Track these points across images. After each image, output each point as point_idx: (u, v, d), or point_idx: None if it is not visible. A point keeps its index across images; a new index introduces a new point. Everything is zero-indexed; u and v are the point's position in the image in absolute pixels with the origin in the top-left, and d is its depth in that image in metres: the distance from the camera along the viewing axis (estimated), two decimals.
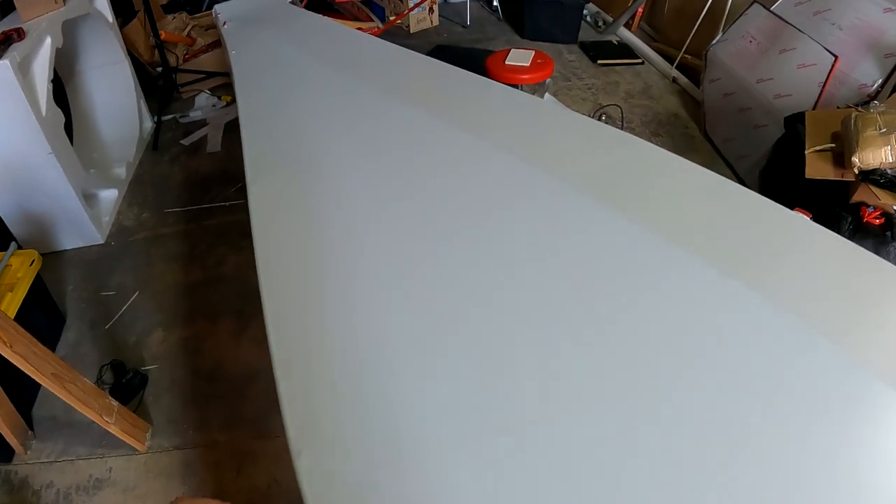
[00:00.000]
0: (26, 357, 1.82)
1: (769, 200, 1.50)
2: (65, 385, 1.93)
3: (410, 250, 1.39)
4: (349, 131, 1.89)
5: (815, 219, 1.43)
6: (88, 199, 3.08)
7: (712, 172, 1.62)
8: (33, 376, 1.85)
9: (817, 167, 2.47)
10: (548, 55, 3.67)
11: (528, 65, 3.54)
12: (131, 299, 2.79)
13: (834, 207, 2.44)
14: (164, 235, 3.17)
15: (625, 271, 1.29)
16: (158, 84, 4.24)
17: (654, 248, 1.34)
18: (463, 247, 1.39)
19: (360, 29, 4.00)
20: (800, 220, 1.47)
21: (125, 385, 2.39)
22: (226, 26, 2.97)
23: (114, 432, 2.10)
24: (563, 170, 1.60)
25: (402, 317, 1.23)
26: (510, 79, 3.46)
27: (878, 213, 2.33)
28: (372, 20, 5.05)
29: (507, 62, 3.55)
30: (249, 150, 1.80)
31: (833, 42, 3.10)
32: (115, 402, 2.11)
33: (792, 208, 1.50)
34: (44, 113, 2.64)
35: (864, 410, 1.02)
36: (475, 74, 2.23)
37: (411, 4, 5.09)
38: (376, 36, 2.90)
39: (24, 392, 2.30)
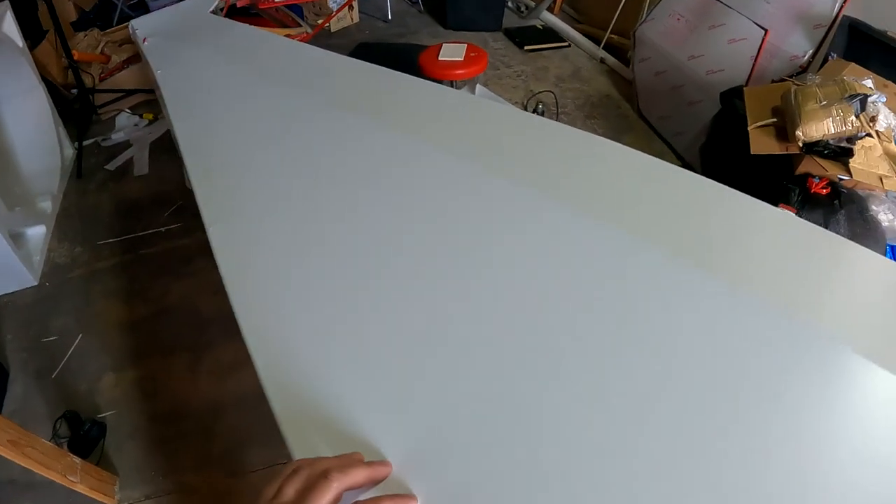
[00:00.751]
0: None
1: (709, 180, 1.48)
2: (23, 451, 1.79)
3: (370, 255, 1.35)
4: (301, 150, 1.79)
5: (762, 193, 1.45)
6: (15, 238, 2.88)
7: (650, 156, 1.58)
8: None
9: (761, 142, 2.51)
10: (480, 47, 3.62)
11: (462, 59, 3.48)
12: (75, 343, 2.63)
13: (780, 181, 2.48)
14: (101, 270, 3.00)
15: (569, 259, 1.28)
16: (75, 107, 3.99)
17: (600, 235, 1.33)
18: (414, 249, 1.36)
19: (288, 36, 3.88)
20: (744, 199, 1.44)
21: (83, 437, 2.25)
22: (146, 43, 2.81)
23: (81, 491, 1.97)
24: (506, 167, 1.59)
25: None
26: (445, 75, 3.41)
27: (824, 183, 2.38)
28: (299, 25, 4.90)
29: (440, 58, 3.49)
30: (200, 187, 1.68)
31: (762, 15, 3.15)
32: (77, 459, 1.99)
33: (775, 203, 1.50)
34: None
35: (823, 370, 1.03)
36: (413, 77, 2.19)
37: (332, 5, 4.95)
38: (305, 42, 2.80)
39: None
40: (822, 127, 2.31)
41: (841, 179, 2.36)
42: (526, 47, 4.67)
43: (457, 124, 1.90)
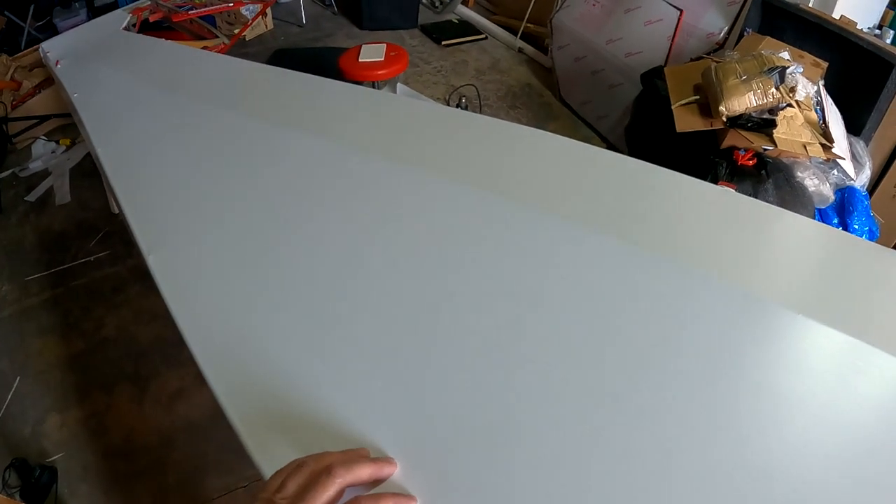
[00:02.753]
0: None
1: (631, 158, 1.56)
2: None
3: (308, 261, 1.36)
4: (231, 166, 1.76)
5: (690, 169, 1.51)
6: None
7: (582, 143, 1.66)
8: None
9: (686, 120, 2.57)
10: (399, 46, 3.60)
11: (382, 59, 3.46)
12: (14, 386, 2.53)
13: (707, 156, 2.55)
14: (32, 307, 2.89)
15: (506, 247, 1.32)
16: None
17: (535, 222, 1.37)
18: (360, 255, 1.38)
19: (205, 48, 3.79)
20: (665, 173, 1.51)
21: (34, 484, 2.17)
22: (59, 66, 2.71)
23: None
24: (439, 165, 1.61)
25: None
26: (366, 76, 3.38)
27: (749, 154, 2.46)
28: (216, 37, 4.78)
29: (360, 59, 3.45)
30: (132, 214, 1.62)
31: None
32: None
33: (703, 178, 1.55)
34: None
35: (764, 332, 1.09)
36: (335, 80, 2.19)
37: (246, 13, 4.84)
38: (223, 53, 2.75)
39: None
40: (744, 101, 2.37)
41: (766, 150, 2.44)
42: (443, 42, 4.69)
43: (384, 126, 1.90)
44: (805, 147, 2.41)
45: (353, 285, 1.29)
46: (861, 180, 2.60)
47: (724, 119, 2.44)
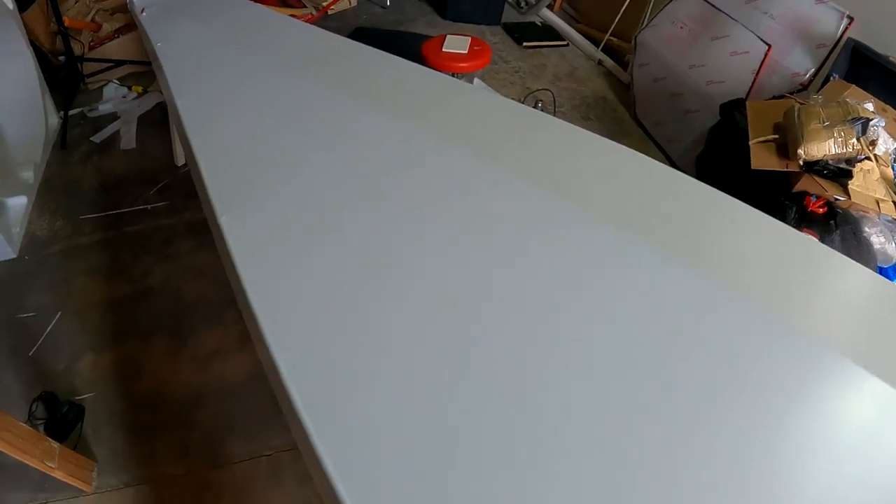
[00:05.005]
0: None
1: (706, 185, 1.59)
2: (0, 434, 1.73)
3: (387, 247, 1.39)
4: (311, 137, 1.75)
5: (759, 208, 1.53)
6: None
7: (653, 160, 1.69)
8: None
9: (762, 158, 2.52)
10: (483, 41, 3.56)
11: (465, 52, 3.43)
12: (54, 321, 2.55)
13: (777, 197, 2.49)
14: (83, 246, 2.91)
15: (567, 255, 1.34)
16: (62, 75, 3.87)
17: (605, 237, 1.38)
18: (424, 240, 1.41)
19: (293, 16, 3.80)
20: (739, 206, 1.52)
21: (61, 419, 2.18)
22: (144, 14, 2.73)
23: (58, 476, 1.90)
24: (521, 165, 1.62)
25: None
26: (448, 67, 3.35)
27: (821, 202, 2.39)
28: (304, 6, 4.79)
29: (444, 49, 3.43)
30: (209, 174, 1.61)
31: (765, 31, 3.15)
32: (55, 444, 1.91)
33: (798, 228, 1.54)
34: None
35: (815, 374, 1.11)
36: (423, 67, 2.18)
37: None
38: (311, 24, 2.74)
39: None
40: (823, 147, 2.32)
41: (837, 200, 2.37)
42: (524, 43, 4.64)
43: (465, 115, 1.89)
44: (878, 203, 2.36)
45: (408, 265, 1.31)
46: None
47: (801, 162, 2.38)
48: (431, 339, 1.13)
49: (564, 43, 4.67)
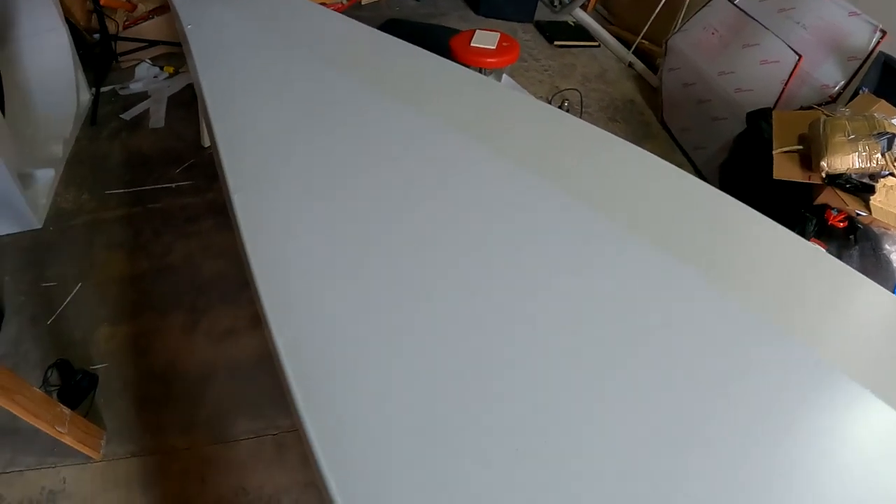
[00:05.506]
0: None
1: (732, 198, 1.57)
2: (13, 397, 1.76)
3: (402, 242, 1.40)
4: (334, 125, 1.77)
5: (778, 219, 1.51)
6: (23, 179, 2.83)
7: (676, 167, 1.67)
8: None
9: (785, 168, 2.50)
10: (513, 38, 3.57)
11: (494, 48, 3.43)
12: (74, 291, 2.60)
13: (798, 208, 2.47)
14: (106, 220, 2.96)
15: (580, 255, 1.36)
16: (95, 52, 3.94)
17: (626, 245, 1.39)
18: (443, 233, 1.42)
19: (324, 4, 3.81)
20: (760, 218, 1.52)
21: (74, 387, 2.23)
22: None
23: (67, 442, 1.95)
24: (538, 163, 1.63)
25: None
26: (475, 62, 3.35)
27: (842, 216, 2.39)
28: None
29: (472, 44, 3.44)
30: (226, 151, 1.64)
31: (796, 41, 3.11)
32: (66, 410, 1.96)
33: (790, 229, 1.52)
34: None
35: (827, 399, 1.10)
36: (449, 61, 2.18)
37: None
38: (341, 13, 2.75)
39: None
40: (847, 160, 2.30)
41: (858, 215, 2.36)
42: (555, 42, 4.63)
43: (490, 113, 1.89)
44: None
45: (424, 256, 1.32)
46: None
47: (824, 175, 2.37)
48: (443, 333, 1.15)
49: (596, 44, 4.66)
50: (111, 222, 2.95)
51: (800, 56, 3.04)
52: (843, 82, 2.95)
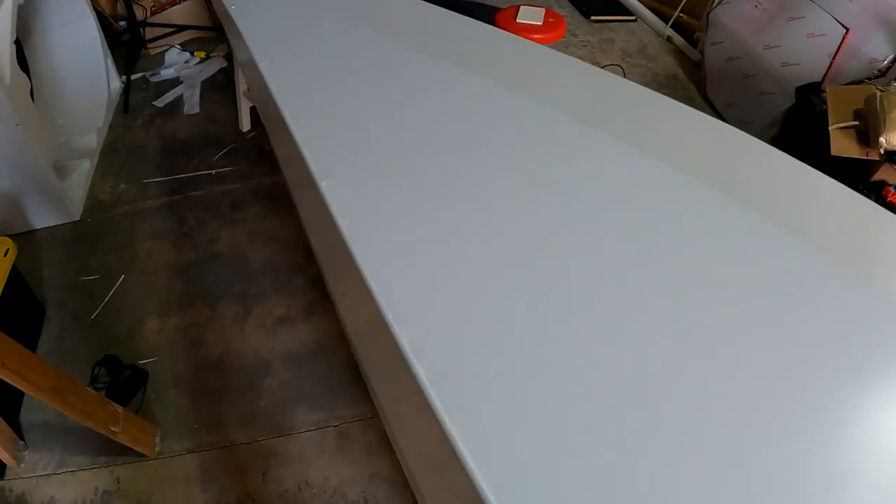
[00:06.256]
0: (21, 374, 1.57)
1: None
2: (66, 399, 1.70)
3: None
4: (404, 103, 1.68)
5: None
6: (58, 171, 2.77)
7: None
8: (31, 393, 1.61)
9: (842, 144, 2.45)
10: (557, 13, 3.46)
11: (541, 24, 3.31)
12: (117, 284, 2.53)
13: (855, 185, 2.41)
14: (147, 209, 2.88)
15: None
16: (124, 39, 3.87)
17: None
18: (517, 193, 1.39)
19: None
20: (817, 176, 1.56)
21: (123, 383, 2.16)
22: None
23: (122, 441, 1.88)
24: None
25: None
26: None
27: None
28: None
29: (518, 20, 3.32)
30: (305, 137, 1.54)
31: (844, 14, 3.01)
32: (119, 409, 1.88)
33: None
34: (8, 80, 2.32)
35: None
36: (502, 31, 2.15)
37: None
38: None
39: (8, 397, 2.04)
40: None
41: None
42: (592, 17, 4.50)
43: (568, 83, 1.83)
44: None
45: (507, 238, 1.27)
46: None
47: (882, 151, 2.31)
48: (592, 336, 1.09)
49: (633, 18, 4.53)
50: (152, 212, 2.88)
51: (847, 29, 2.95)
52: (891, 56, 2.86)
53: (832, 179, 1.52)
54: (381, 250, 1.21)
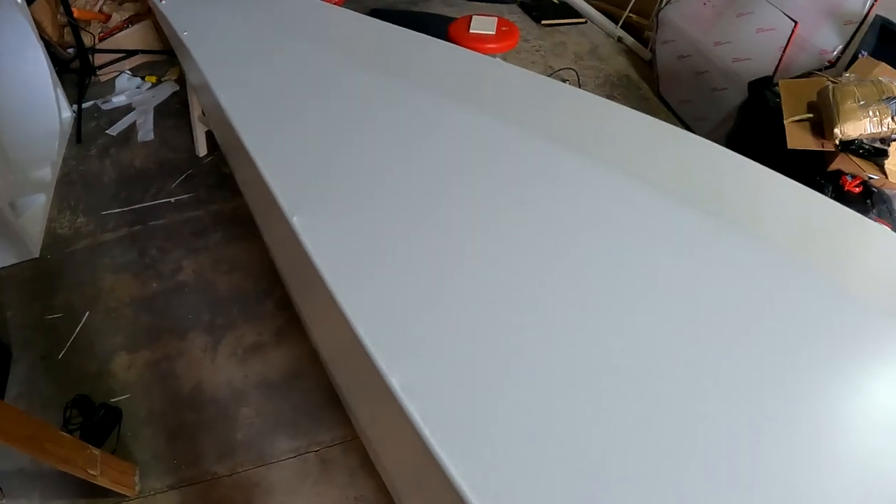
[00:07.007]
0: None
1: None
2: (42, 446, 1.67)
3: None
4: (378, 128, 1.69)
5: None
6: (14, 208, 2.70)
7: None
8: (6, 444, 1.57)
9: (798, 137, 2.49)
10: (510, 21, 3.47)
11: (493, 33, 3.33)
12: (83, 321, 2.48)
13: (812, 176, 2.49)
14: (107, 242, 2.83)
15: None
16: (73, 68, 3.78)
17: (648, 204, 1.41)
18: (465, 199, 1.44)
19: None
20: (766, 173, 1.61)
21: (97, 423, 2.12)
22: (163, 2, 2.63)
23: (102, 484, 1.84)
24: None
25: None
26: (476, 49, 3.21)
27: (857, 181, 2.40)
28: None
29: (471, 30, 3.33)
30: (270, 172, 1.53)
31: (791, 7, 3.08)
32: (96, 451, 1.85)
33: None
34: None
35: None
36: (460, 48, 2.15)
37: None
38: (339, 5, 2.66)
39: None
40: (859, 126, 2.32)
41: (872, 179, 2.38)
42: (543, 21, 4.54)
43: (507, 94, 1.87)
44: None
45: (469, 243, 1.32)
46: None
47: (837, 142, 2.37)
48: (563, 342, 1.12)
49: (583, 20, 4.59)
50: (112, 244, 2.82)
51: (796, 22, 3.01)
52: (840, 47, 2.94)
53: (781, 175, 1.60)
54: (353, 275, 1.23)
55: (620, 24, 4.38)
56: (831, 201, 1.57)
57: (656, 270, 1.23)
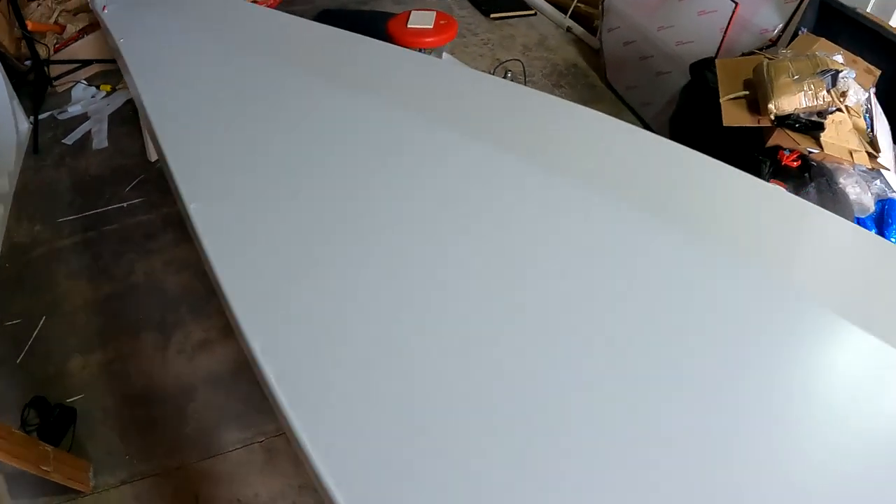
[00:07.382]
0: None
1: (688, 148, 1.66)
2: None
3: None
4: (281, 122, 1.76)
5: (733, 164, 1.59)
6: None
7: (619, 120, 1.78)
8: None
9: (733, 115, 2.53)
10: (449, 15, 3.54)
11: (431, 27, 3.40)
12: (39, 325, 2.55)
13: (751, 153, 2.50)
14: (63, 248, 2.90)
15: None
16: (29, 79, 3.83)
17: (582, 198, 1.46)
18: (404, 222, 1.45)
19: (254, 2, 3.75)
20: (716, 165, 1.58)
21: (53, 423, 2.18)
22: (105, 11, 2.69)
23: (55, 480, 1.92)
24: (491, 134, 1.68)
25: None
26: (414, 43, 3.32)
27: (794, 155, 2.41)
28: None
29: (409, 25, 3.40)
30: (176, 164, 1.61)
31: None
32: (49, 448, 1.93)
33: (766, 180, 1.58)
34: None
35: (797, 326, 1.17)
36: (389, 44, 2.21)
37: None
38: (273, 8, 2.72)
39: None
40: (794, 101, 2.33)
41: (810, 152, 2.39)
42: (492, 15, 4.61)
43: (433, 89, 1.90)
44: (851, 154, 2.37)
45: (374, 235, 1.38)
46: None
47: (773, 117, 2.39)
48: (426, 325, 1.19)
49: (532, 12, 4.64)
50: (68, 250, 2.89)
51: (736, 4, 3.07)
52: (781, 25, 2.98)
53: (715, 160, 1.59)
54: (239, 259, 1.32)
55: (570, 13, 4.44)
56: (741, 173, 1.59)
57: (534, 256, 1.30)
